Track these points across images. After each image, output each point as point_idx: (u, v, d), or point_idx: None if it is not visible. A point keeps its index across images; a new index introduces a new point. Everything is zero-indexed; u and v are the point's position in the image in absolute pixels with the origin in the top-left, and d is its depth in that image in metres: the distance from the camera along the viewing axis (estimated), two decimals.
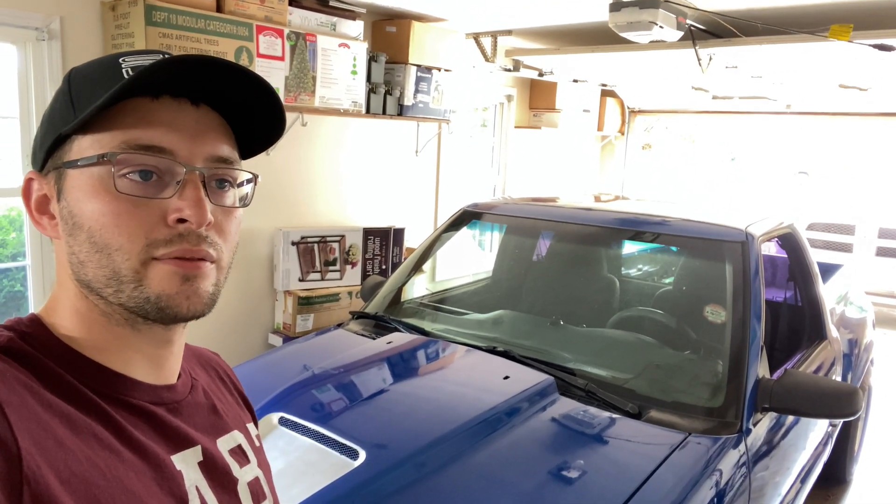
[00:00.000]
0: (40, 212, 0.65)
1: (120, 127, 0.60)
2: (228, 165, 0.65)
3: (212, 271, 0.64)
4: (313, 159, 3.72)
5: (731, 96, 5.53)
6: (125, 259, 0.60)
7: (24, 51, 2.63)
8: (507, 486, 1.52)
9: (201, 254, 0.62)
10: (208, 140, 0.64)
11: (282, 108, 0.69)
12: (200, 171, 0.62)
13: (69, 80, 0.65)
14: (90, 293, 0.62)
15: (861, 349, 3.19)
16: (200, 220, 0.61)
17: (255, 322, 3.58)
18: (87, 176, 0.61)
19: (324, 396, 1.85)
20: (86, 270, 0.61)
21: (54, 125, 0.63)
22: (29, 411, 0.54)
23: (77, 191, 0.61)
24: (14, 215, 3.05)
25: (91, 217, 0.60)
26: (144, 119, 0.61)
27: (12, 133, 2.70)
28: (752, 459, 1.83)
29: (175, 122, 0.62)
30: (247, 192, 0.69)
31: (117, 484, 0.56)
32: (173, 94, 0.62)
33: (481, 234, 4.67)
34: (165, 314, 0.62)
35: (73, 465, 0.54)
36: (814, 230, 6.71)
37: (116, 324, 0.63)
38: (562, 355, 2.15)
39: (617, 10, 2.91)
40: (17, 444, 0.51)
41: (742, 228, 2.27)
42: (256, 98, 0.66)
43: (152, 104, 0.61)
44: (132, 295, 0.61)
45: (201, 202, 0.61)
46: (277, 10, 3.03)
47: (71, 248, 0.62)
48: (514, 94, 5.28)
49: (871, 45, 2.94)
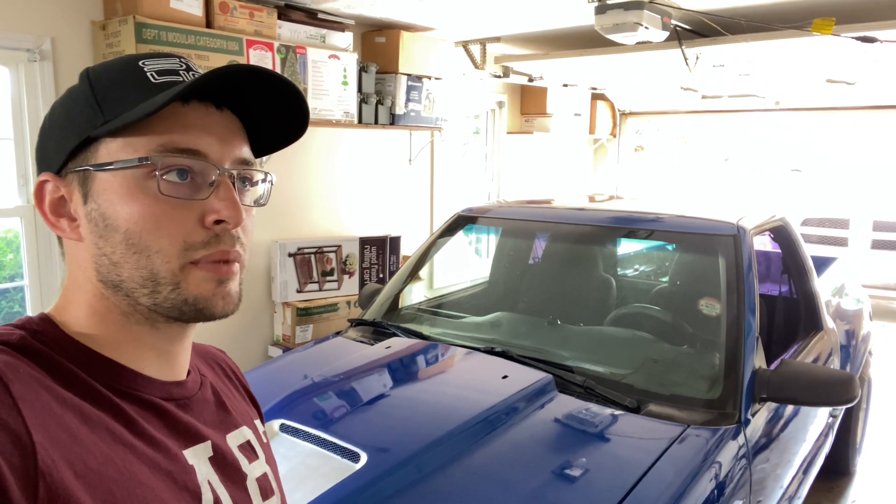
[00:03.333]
0: (57, 214, 0.65)
1: (154, 131, 0.62)
2: (251, 167, 0.68)
3: (238, 272, 0.66)
4: (307, 170, 3.74)
5: (720, 95, 5.57)
6: (164, 262, 0.61)
7: (17, 72, 2.65)
8: (508, 484, 1.52)
9: (235, 255, 0.65)
10: (234, 142, 0.66)
11: (308, 111, 0.71)
12: (231, 173, 0.65)
13: (89, 81, 0.65)
14: (116, 293, 0.63)
15: (858, 340, 3.20)
16: (238, 220, 0.64)
17: (254, 334, 3.59)
18: (122, 178, 0.61)
19: (324, 402, 1.86)
20: (119, 271, 0.62)
21: (76, 126, 0.63)
22: (43, 406, 0.54)
23: (110, 193, 0.62)
24: (11, 237, 3.06)
25: (129, 219, 0.61)
26: (179, 123, 0.62)
27: (6, 154, 2.71)
28: (751, 451, 1.84)
29: (206, 126, 0.64)
30: (262, 192, 0.71)
31: (132, 477, 0.57)
32: (200, 99, 0.64)
33: (477, 238, 4.69)
34: (202, 315, 0.64)
35: (87, 459, 0.54)
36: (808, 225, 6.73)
37: (136, 323, 0.65)
38: (560, 354, 2.16)
39: (602, 13, 2.94)
40: (31, 438, 0.51)
41: (733, 222, 2.29)
42: (287, 103, 0.69)
43: (183, 108, 0.63)
44: (169, 297, 0.62)
45: (236, 202, 0.64)
46: (267, 24, 3.06)
47: (100, 250, 0.63)
48: (505, 100, 5.32)
49: (855, 38, 2.97)
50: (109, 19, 2.71)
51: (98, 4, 2.79)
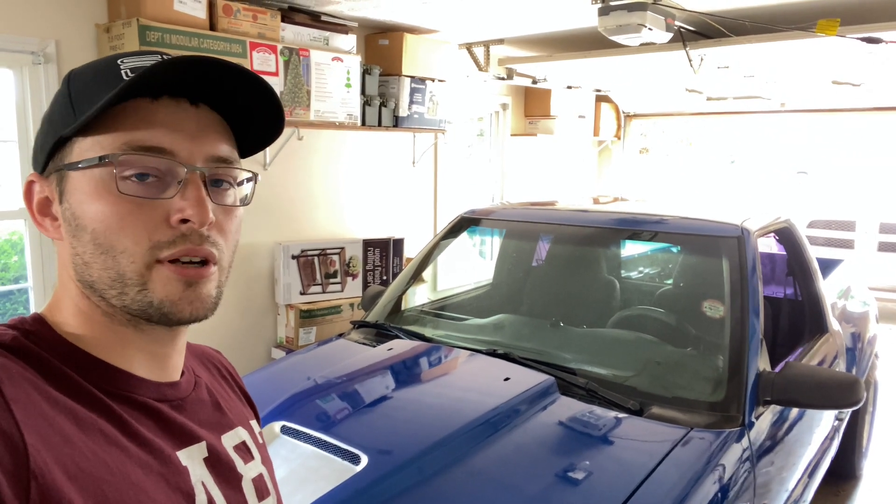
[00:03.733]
0: (42, 214, 0.66)
1: (120, 128, 0.61)
2: (228, 165, 0.66)
3: (214, 275, 0.65)
4: (311, 173, 3.74)
5: (725, 97, 5.55)
6: (130, 262, 0.61)
7: (21, 75, 2.66)
8: (510, 487, 1.51)
9: (204, 253, 0.63)
10: (208, 140, 0.64)
11: (279, 105, 0.69)
12: (201, 171, 0.63)
13: (68, 82, 0.65)
14: (93, 294, 0.63)
15: (864, 343, 3.18)
16: (203, 219, 0.62)
17: (257, 337, 3.59)
18: (89, 177, 0.61)
19: (325, 404, 1.85)
20: (90, 272, 0.62)
21: (54, 127, 0.64)
22: (35, 408, 0.54)
23: (79, 192, 0.62)
24: (16, 239, 3.07)
25: (94, 218, 0.61)
26: (145, 120, 0.61)
27: (11, 157, 2.73)
28: (756, 454, 1.82)
29: (175, 123, 0.62)
30: (247, 192, 0.70)
31: (124, 479, 0.57)
32: (172, 95, 0.63)
33: (480, 240, 4.68)
34: (169, 318, 0.63)
35: (79, 461, 0.54)
36: (815, 227, 6.69)
37: (119, 323, 0.64)
38: (562, 356, 2.15)
39: (606, 15, 2.93)
40: (23, 439, 0.51)
41: (737, 224, 2.27)
42: (254, 97, 0.67)
43: (152, 105, 0.62)
44: (136, 298, 0.62)
45: (203, 202, 0.62)
46: (270, 26, 3.06)
47: (74, 250, 0.63)
48: (508, 102, 5.31)
49: (860, 39, 2.96)
50: (113, 22, 2.72)
51: (102, 7, 2.80)
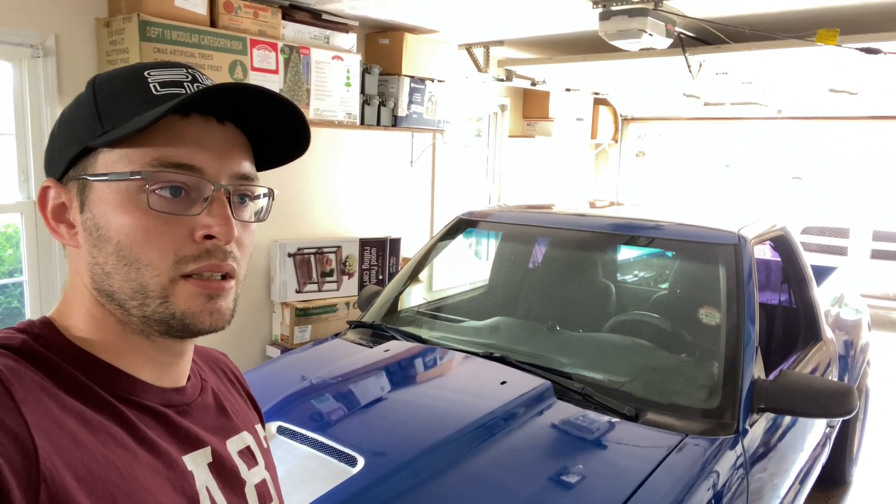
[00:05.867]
0: (57, 220, 0.66)
1: (151, 144, 0.61)
2: (250, 182, 0.67)
3: (233, 288, 0.66)
4: (309, 171, 3.73)
5: (722, 102, 5.57)
6: (154, 275, 0.61)
7: (20, 68, 2.65)
8: (505, 490, 1.52)
9: (227, 269, 0.64)
10: (234, 158, 0.66)
11: (309, 131, 0.71)
12: (226, 189, 0.64)
13: (93, 89, 0.65)
14: (109, 302, 0.63)
15: (857, 350, 3.20)
16: (228, 237, 0.63)
17: (252, 334, 3.59)
18: (116, 190, 0.61)
19: (322, 405, 1.85)
20: (111, 282, 0.62)
21: (77, 135, 0.64)
22: (45, 411, 0.54)
23: (104, 204, 0.62)
24: (11, 232, 3.05)
25: (120, 231, 0.61)
26: (176, 137, 0.62)
27: (8, 150, 2.71)
28: (749, 460, 1.83)
29: (204, 141, 0.63)
30: (262, 206, 0.71)
31: (133, 482, 0.57)
32: (201, 112, 0.64)
33: (477, 241, 4.69)
34: (189, 329, 0.64)
35: (89, 464, 0.55)
36: (808, 234, 6.73)
37: (132, 332, 0.65)
38: (558, 360, 2.16)
39: (607, 19, 2.94)
40: (34, 442, 0.52)
41: (734, 231, 2.28)
42: (287, 123, 0.69)
43: (182, 122, 0.63)
44: (157, 310, 0.62)
45: (229, 219, 0.63)
46: (271, 24, 3.06)
47: (94, 259, 0.63)
48: (507, 103, 5.32)
49: (858, 49, 2.97)
50: (114, 17, 2.71)
51: (102, 2, 2.78)
